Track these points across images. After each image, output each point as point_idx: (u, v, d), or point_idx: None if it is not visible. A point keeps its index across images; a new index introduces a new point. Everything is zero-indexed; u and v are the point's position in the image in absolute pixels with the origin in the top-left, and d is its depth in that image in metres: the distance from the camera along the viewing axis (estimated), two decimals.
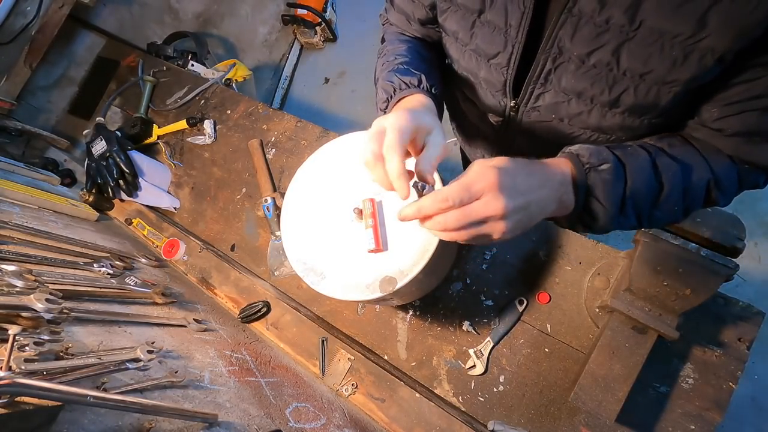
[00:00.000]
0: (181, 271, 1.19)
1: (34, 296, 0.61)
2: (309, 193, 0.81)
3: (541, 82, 0.55)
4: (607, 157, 0.48)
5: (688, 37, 0.41)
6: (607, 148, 0.49)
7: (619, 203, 0.48)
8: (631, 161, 0.48)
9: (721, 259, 0.65)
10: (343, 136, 0.82)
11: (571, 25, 0.47)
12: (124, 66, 1.60)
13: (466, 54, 0.61)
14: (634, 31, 0.43)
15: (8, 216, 0.94)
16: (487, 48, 0.56)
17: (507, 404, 0.85)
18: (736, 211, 0.66)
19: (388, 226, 0.72)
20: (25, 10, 1.48)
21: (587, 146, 0.49)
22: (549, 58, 0.52)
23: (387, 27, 0.80)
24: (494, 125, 0.70)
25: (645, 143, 0.52)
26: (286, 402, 0.78)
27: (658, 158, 0.49)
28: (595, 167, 0.47)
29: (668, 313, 0.71)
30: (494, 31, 0.54)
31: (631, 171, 0.48)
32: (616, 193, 0.47)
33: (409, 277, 0.68)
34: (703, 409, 0.76)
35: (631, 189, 0.48)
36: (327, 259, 0.75)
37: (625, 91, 0.49)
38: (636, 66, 0.46)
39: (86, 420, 0.48)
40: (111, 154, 1.25)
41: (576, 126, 0.58)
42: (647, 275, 0.69)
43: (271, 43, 2.67)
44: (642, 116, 0.52)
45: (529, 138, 0.67)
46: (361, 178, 0.76)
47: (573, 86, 0.52)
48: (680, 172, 0.49)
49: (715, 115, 0.48)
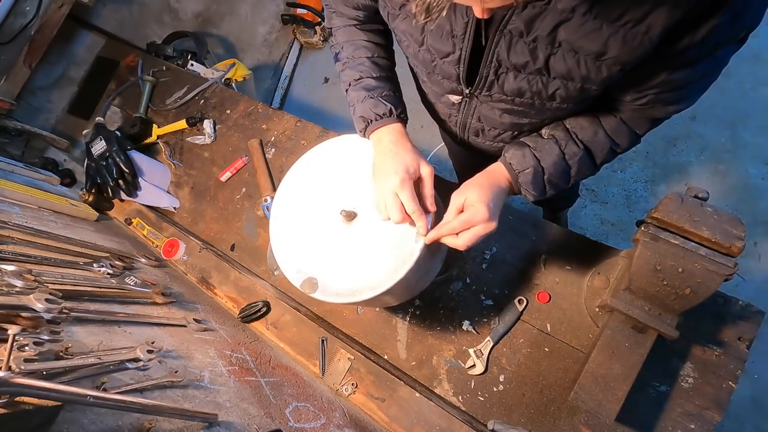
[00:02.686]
0: (181, 271, 1.19)
1: (34, 296, 0.61)
2: (295, 200, 0.83)
3: (487, 86, 0.66)
4: (529, 162, 0.69)
5: (597, 55, 0.53)
6: (530, 148, 0.70)
7: (542, 188, 0.71)
8: (546, 158, 0.69)
9: (720, 259, 0.65)
10: (323, 143, 0.84)
11: (505, 42, 0.57)
12: (124, 66, 1.60)
13: (421, 52, 0.67)
14: (557, 48, 0.55)
15: (8, 216, 0.94)
16: (440, 47, 0.64)
17: (507, 404, 0.85)
18: (736, 211, 0.66)
19: (374, 232, 0.74)
20: (25, 10, 1.48)
21: (515, 152, 0.70)
22: (491, 70, 0.63)
23: (328, 11, 0.82)
24: (454, 103, 0.78)
25: (558, 134, 0.71)
26: (286, 402, 0.78)
27: (566, 148, 0.70)
28: (521, 171, 0.70)
29: (668, 313, 0.71)
30: (443, 35, 0.61)
31: (547, 166, 0.69)
32: (538, 185, 0.71)
33: (395, 278, 0.69)
34: (703, 409, 0.76)
35: (548, 177, 0.70)
36: (318, 264, 0.76)
37: (558, 89, 0.61)
38: (562, 73, 0.58)
39: (86, 420, 0.48)
40: (110, 153, 1.25)
41: (525, 106, 0.69)
42: (647, 275, 0.69)
43: (271, 42, 2.66)
44: (575, 101, 0.65)
45: (485, 115, 0.76)
46: (344, 182, 0.79)
47: (514, 88, 0.64)
48: (584, 154, 0.70)
49: (627, 98, 0.63)
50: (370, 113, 0.74)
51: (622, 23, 0.49)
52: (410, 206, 0.67)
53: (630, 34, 0.50)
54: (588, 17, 0.49)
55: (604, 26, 0.50)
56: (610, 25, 0.49)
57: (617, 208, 1.96)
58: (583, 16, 0.49)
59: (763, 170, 1.85)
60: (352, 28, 0.80)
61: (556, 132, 0.71)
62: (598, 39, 0.51)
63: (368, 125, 0.75)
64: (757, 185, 1.84)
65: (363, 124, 0.75)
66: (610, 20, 0.49)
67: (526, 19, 0.53)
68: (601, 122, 0.69)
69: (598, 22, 0.49)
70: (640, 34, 0.49)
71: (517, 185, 0.71)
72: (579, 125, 0.70)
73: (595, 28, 0.50)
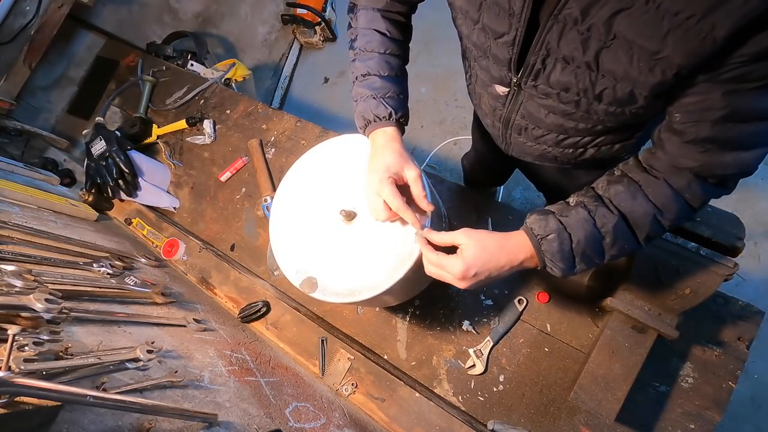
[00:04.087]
0: (181, 271, 1.19)
1: (34, 296, 0.60)
2: (295, 200, 0.83)
3: (534, 74, 0.63)
4: (553, 227, 0.61)
5: (653, 52, 0.49)
6: (554, 214, 0.62)
7: (570, 259, 0.61)
8: (572, 223, 0.61)
9: (720, 259, 0.65)
10: (323, 142, 0.85)
11: (557, 29, 0.54)
12: (124, 66, 1.60)
13: (476, 31, 0.65)
14: (611, 41, 0.51)
15: (8, 216, 0.94)
16: (495, 27, 0.61)
17: (507, 404, 0.85)
18: (736, 211, 0.66)
19: (374, 232, 0.74)
20: (25, 10, 1.48)
21: (537, 217, 0.63)
22: (539, 57, 0.59)
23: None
24: (500, 95, 0.76)
25: (587, 199, 0.63)
26: (286, 402, 0.77)
27: (597, 212, 0.61)
28: (544, 237, 0.61)
29: (668, 313, 0.71)
30: (500, 12, 0.59)
31: (574, 232, 0.60)
32: (564, 254, 0.61)
33: (395, 279, 0.69)
34: (703, 408, 0.76)
35: (575, 246, 0.60)
36: (317, 264, 0.76)
37: (606, 89, 0.57)
38: (613, 70, 0.54)
39: (86, 420, 0.48)
40: (110, 153, 1.24)
41: (570, 106, 0.65)
42: (647, 275, 0.69)
43: (271, 42, 2.66)
44: (624, 107, 0.59)
45: (531, 112, 0.74)
46: (344, 182, 0.79)
47: (560, 81, 0.60)
48: (620, 221, 0.60)
49: (677, 119, 0.55)
50: (370, 114, 0.74)
51: (686, 16, 0.44)
52: (393, 203, 0.66)
53: (693, 31, 0.45)
54: (651, 6, 0.46)
55: (666, 19, 0.46)
56: (673, 18, 0.45)
57: None
58: (646, 5, 0.46)
59: (763, 170, 1.85)
60: (375, 12, 0.78)
61: (586, 198, 0.64)
62: (657, 33, 0.47)
63: (367, 125, 0.76)
64: (757, 185, 1.84)
65: (362, 123, 0.76)
66: (674, 12, 0.45)
67: (584, 4, 0.49)
68: (641, 186, 0.61)
69: (660, 12, 0.46)
70: (703, 33, 0.45)
71: (541, 255, 0.62)
72: (613, 190, 0.62)
73: (656, 20, 0.46)
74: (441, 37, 2.42)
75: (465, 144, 2.20)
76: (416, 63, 2.46)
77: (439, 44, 2.44)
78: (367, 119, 0.75)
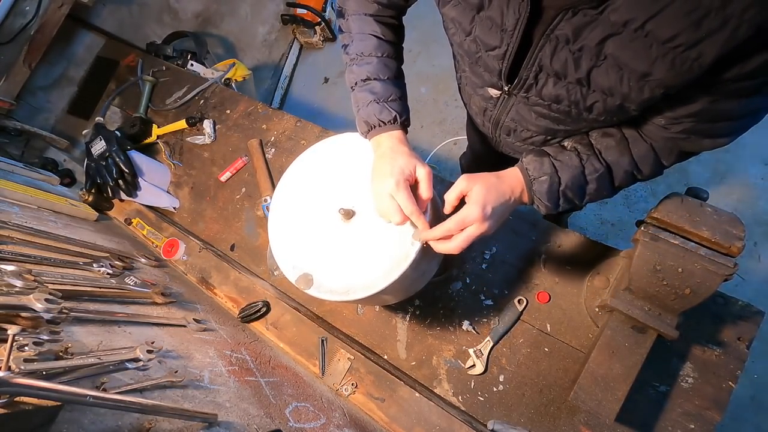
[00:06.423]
0: (181, 271, 1.19)
1: (34, 296, 0.60)
2: (294, 197, 0.83)
3: (525, 87, 0.65)
4: (547, 170, 0.67)
5: (642, 74, 0.51)
6: (549, 157, 0.68)
7: (555, 200, 0.68)
8: (564, 168, 0.67)
9: (720, 259, 0.65)
10: (322, 141, 0.85)
11: (550, 47, 0.56)
12: (124, 66, 1.60)
13: (467, 42, 0.66)
14: (601, 61, 0.53)
15: (7, 216, 0.94)
16: (487, 40, 0.62)
17: (507, 404, 0.85)
18: (736, 211, 0.66)
19: (372, 231, 0.74)
20: (24, 10, 1.48)
21: (533, 158, 0.68)
22: (531, 73, 0.62)
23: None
24: (492, 97, 0.77)
25: (582, 148, 0.69)
26: (286, 402, 0.77)
27: (588, 162, 0.67)
28: (537, 179, 0.67)
29: (668, 313, 0.71)
30: (492, 27, 0.60)
31: (564, 178, 0.67)
32: (551, 196, 0.68)
33: (390, 279, 0.69)
34: (703, 409, 0.76)
35: (563, 190, 0.67)
36: (315, 261, 0.76)
37: (596, 102, 0.60)
38: (603, 86, 0.56)
39: (86, 420, 0.48)
40: (110, 153, 1.24)
41: (560, 114, 0.67)
42: (647, 275, 0.69)
43: (271, 42, 2.66)
44: (613, 116, 0.63)
45: (521, 115, 0.75)
46: (343, 180, 0.79)
47: (552, 94, 0.63)
48: (605, 172, 0.67)
49: (662, 122, 0.61)
50: (375, 119, 0.74)
51: (673, 45, 0.47)
52: (407, 208, 0.66)
53: (680, 58, 0.48)
54: (639, 34, 0.48)
55: (654, 46, 0.48)
56: (661, 46, 0.48)
57: (617, 208, 1.97)
58: (635, 33, 0.48)
59: (763, 170, 1.85)
60: (367, 17, 0.78)
61: (580, 146, 0.69)
62: (646, 58, 0.49)
63: (371, 130, 0.75)
64: (757, 185, 1.84)
65: (366, 128, 0.76)
66: (662, 41, 0.47)
67: (576, 26, 0.51)
68: (629, 144, 0.67)
69: (648, 40, 0.48)
70: (690, 60, 0.47)
71: (531, 193, 0.69)
72: (605, 143, 0.68)
73: (645, 47, 0.49)
74: (441, 37, 2.40)
75: (464, 144, 2.20)
76: (416, 63, 2.46)
77: (439, 44, 2.45)
78: (371, 124, 0.75)
